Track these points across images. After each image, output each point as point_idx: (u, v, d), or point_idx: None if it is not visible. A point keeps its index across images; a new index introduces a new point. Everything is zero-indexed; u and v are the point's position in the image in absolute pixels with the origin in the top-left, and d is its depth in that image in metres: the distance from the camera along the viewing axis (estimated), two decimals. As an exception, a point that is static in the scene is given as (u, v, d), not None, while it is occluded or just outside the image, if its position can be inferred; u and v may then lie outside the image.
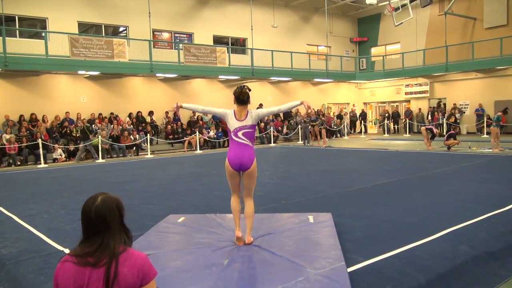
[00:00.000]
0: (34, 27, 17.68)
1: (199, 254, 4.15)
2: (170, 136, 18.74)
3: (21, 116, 15.99)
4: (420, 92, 24.87)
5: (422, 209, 6.13)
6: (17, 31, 16.72)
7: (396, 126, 25.40)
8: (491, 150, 13.66)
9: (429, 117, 23.36)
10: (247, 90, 4.43)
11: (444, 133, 15.90)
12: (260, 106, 22.78)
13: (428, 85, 24.38)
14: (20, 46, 15.58)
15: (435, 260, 4.07)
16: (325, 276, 3.53)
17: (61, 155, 15.57)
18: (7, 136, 14.75)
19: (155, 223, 5.54)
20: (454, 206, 6.23)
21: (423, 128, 16.01)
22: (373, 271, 3.86)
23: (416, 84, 25.01)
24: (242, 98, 4.37)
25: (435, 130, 15.60)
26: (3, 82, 15.98)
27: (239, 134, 4.33)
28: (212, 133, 19.71)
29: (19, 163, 14.63)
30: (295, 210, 6.19)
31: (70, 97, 17.52)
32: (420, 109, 24.52)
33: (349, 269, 3.81)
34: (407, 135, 23.45)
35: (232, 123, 4.36)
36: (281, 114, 23.38)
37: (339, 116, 25.37)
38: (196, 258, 4.05)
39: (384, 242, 4.61)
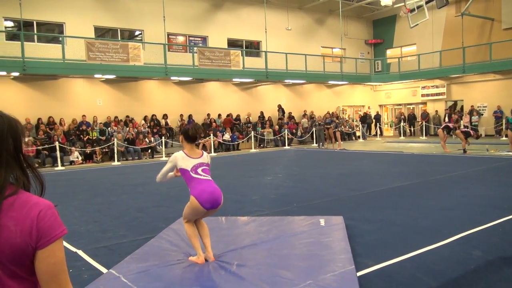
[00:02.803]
0: (52, 32, 18.01)
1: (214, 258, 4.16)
2: (184, 139, 18.81)
3: (39, 119, 16.29)
4: (436, 94, 24.56)
5: (435, 212, 6.05)
6: (35, 36, 17.04)
7: (412, 129, 25.13)
8: (510, 153, 13.40)
9: (446, 119, 23.03)
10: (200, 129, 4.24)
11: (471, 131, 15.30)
12: (279, 107, 22.86)
13: (445, 87, 24.06)
14: (38, 50, 15.90)
15: (447, 265, 4.01)
16: (334, 280, 3.51)
17: (77, 157, 15.80)
18: (26, 139, 15.02)
19: (167, 225, 5.59)
20: (468, 210, 6.13)
21: (439, 130, 15.77)
22: (383, 275, 3.82)
23: (432, 86, 24.71)
24: (196, 136, 4.14)
25: (451, 125, 15.32)
26: (21, 86, 16.30)
27: (199, 171, 3.98)
28: (227, 136, 19.77)
29: (37, 165, 14.84)
30: (307, 213, 6.17)
31: (87, 101, 17.78)
32: (437, 111, 24.20)
33: (359, 273, 3.78)
34: (424, 137, 23.17)
35: (187, 163, 3.99)
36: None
37: (363, 119, 25.16)
38: (205, 260, 4.07)
39: (395, 246, 4.57)
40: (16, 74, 15.40)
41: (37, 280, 1.24)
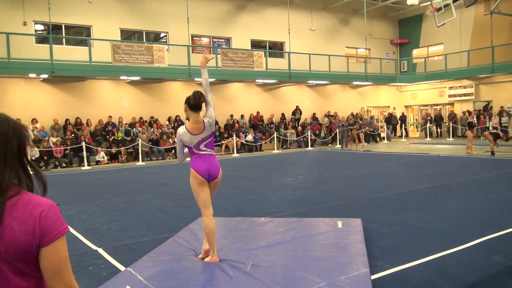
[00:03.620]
0: (80, 35, 18.46)
1: (224, 257, 4.20)
2: (207, 140, 18.98)
3: (66, 120, 16.73)
4: (464, 95, 23.97)
5: (456, 216, 5.93)
6: (63, 39, 17.51)
7: (439, 130, 24.61)
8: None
9: (474, 120, 22.45)
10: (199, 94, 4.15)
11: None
12: (297, 108, 22.73)
13: (473, 87, 23.46)
14: (66, 53, 16.34)
15: (465, 270, 3.94)
16: (347, 282, 3.49)
17: (103, 157, 16.14)
18: (54, 139, 15.46)
19: (185, 225, 5.66)
20: (491, 214, 5.98)
21: (468, 131, 15.34)
22: (398, 279, 3.78)
23: (460, 87, 24.13)
24: (197, 102, 4.10)
25: (471, 119, 15.08)
26: (50, 88, 16.78)
27: (201, 146, 4.13)
28: (250, 137, 19.83)
29: (64, 165, 15.29)
30: (326, 215, 6.15)
31: (113, 102, 18.14)
32: (464, 112, 23.63)
33: (374, 276, 3.76)
34: (451, 139, 22.67)
35: (190, 141, 4.10)
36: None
37: (388, 120, 24.74)
38: (220, 261, 4.11)
39: (413, 250, 4.50)
40: (45, 76, 15.86)
41: (42, 277, 1.29)
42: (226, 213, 6.63)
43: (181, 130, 4.17)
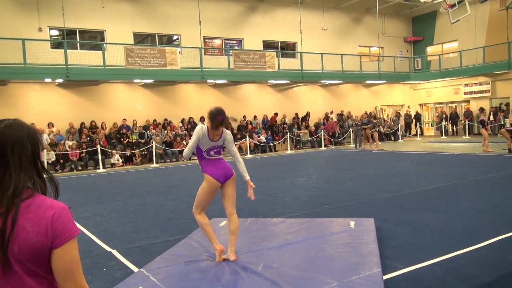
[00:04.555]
0: (94, 39, 18.70)
1: (236, 257, 4.21)
2: (221, 141, 19.04)
3: (82, 123, 16.95)
4: (480, 92, 23.61)
5: (471, 215, 5.85)
6: (78, 44, 17.76)
7: (454, 128, 24.28)
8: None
9: (491, 118, 22.12)
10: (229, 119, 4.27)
11: None
12: (308, 114, 22.58)
13: (489, 84, 23.09)
14: (80, 57, 16.55)
15: (480, 269, 3.88)
16: (359, 282, 3.48)
17: (118, 160, 16.31)
18: (70, 143, 15.69)
19: (198, 227, 5.66)
20: (507, 213, 5.88)
21: (483, 129, 15.14)
22: (411, 278, 3.75)
23: (476, 84, 23.78)
24: (222, 123, 4.16)
25: (483, 117, 14.99)
26: (65, 92, 17.02)
27: (211, 153, 4.26)
28: (262, 138, 19.84)
29: (80, 168, 15.49)
30: (339, 215, 6.13)
31: (127, 105, 18.32)
32: (479, 109, 23.23)
33: (386, 276, 3.73)
34: (467, 137, 22.35)
35: (205, 143, 4.20)
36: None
37: (396, 121, 24.47)
38: (232, 261, 4.12)
39: (427, 249, 4.46)
40: (60, 80, 16.11)
41: (54, 279, 1.33)
42: (239, 214, 6.57)
43: (204, 128, 4.19)
